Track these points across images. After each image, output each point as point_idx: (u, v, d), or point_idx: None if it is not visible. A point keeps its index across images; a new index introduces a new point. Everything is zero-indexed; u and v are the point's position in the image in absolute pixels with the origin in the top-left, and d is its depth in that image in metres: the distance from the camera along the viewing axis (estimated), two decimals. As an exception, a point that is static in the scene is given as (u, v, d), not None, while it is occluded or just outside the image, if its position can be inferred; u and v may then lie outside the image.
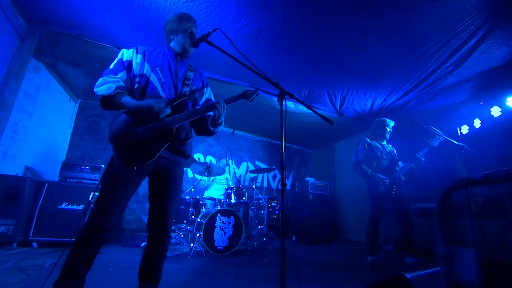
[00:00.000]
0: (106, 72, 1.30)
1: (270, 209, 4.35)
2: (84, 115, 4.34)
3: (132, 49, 1.38)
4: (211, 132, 1.50)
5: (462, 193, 1.07)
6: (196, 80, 1.53)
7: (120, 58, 1.35)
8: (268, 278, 2.16)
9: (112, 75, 1.29)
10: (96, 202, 1.22)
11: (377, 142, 2.89)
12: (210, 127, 1.46)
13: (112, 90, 1.23)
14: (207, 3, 2.15)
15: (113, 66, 1.33)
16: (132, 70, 1.34)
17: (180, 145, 1.39)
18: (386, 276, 1.04)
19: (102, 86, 1.25)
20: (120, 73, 1.31)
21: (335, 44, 2.60)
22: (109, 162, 1.29)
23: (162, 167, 1.36)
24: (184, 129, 1.42)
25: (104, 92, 1.23)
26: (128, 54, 1.36)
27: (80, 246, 1.17)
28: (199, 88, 1.54)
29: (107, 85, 1.25)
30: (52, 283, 1.12)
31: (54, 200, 2.81)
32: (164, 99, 1.29)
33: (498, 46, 2.47)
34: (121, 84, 1.29)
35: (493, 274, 0.92)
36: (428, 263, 2.42)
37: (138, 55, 1.37)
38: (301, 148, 6.77)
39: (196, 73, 1.55)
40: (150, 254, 1.36)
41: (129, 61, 1.35)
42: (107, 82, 1.26)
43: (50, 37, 2.74)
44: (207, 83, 1.61)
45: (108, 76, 1.28)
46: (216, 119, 1.41)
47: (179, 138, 1.36)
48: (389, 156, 2.82)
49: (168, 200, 1.38)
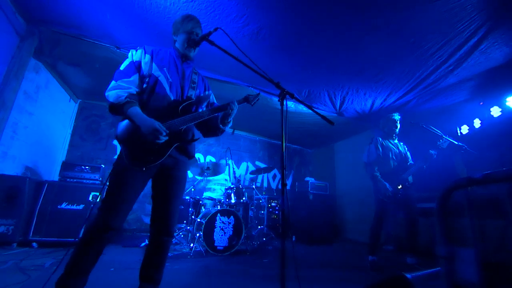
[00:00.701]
0: (118, 75, 1.28)
1: (270, 209, 4.35)
2: (84, 115, 4.34)
3: (140, 49, 1.38)
4: (220, 131, 1.53)
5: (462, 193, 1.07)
6: (199, 84, 1.56)
7: (130, 59, 1.34)
8: (268, 278, 2.16)
9: (125, 78, 1.27)
10: (103, 201, 1.22)
11: (389, 142, 2.86)
12: (220, 125, 1.49)
13: (122, 99, 1.22)
14: (207, 3, 2.15)
15: (125, 68, 1.31)
16: (142, 71, 1.34)
17: (187, 145, 1.42)
18: (386, 276, 1.04)
19: (112, 91, 1.23)
20: (133, 76, 1.30)
21: (335, 44, 2.60)
22: (116, 161, 1.29)
23: (166, 167, 1.36)
24: (190, 130, 1.45)
25: (114, 100, 1.22)
26: (137, 55, 1.36)
27: (86, 245, 1.17)
28: (202, 92, 1.58)
29: (117, 91, 1.23)
30: (50, 282, 1.12)
31: (54, 200, 2.81)
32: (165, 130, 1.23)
33: (498, 46, 2.47)
34: (132, 92, 1.27)
35: (493, 274, 0.92)
36: (429, 263, 2.42)
37: (147, 55, 1.37)
38: (301, 148, 6.77)
39: (200, 76, 1.58)
40: (151, 254, 1.36)
41: (139, 62, 1.35)
42: (119, 87, 1.24)
43: (50, 37, 2.74)
44: (209, 87, 1.65)
45: (121, 80, 1.26)
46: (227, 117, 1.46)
47: (186, 139, 1.38)
48: (398, 157, 2.79)
49: (171, 201, 1.38)
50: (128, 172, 1.23)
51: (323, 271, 2.52)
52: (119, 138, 1.25)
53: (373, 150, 2.78)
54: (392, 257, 3.23)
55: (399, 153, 2.82)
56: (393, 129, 2.87)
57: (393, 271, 2.55)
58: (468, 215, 1.10)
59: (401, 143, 2.94)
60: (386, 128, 2.93)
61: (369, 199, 2.81)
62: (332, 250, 3.81)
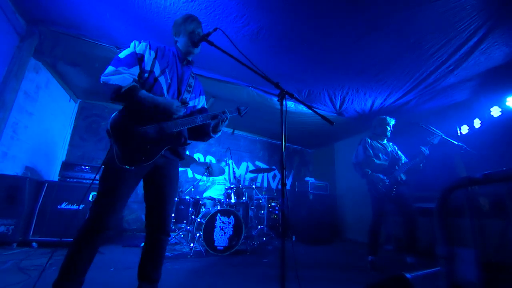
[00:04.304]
0: (117, 62, 1.23)
1: (270, 209, 4.35)
2: (84, 115, 4.34)
3: (144, 43, 1.35)
4: (209, 137, 1.55)
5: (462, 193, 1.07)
6: (195, 88, 1.56)
7: (133, 50, 1.30)
8: (268, 278, 2.16)
9: (125, 67, 1.23)
10: (95, 201, 1.21)
11: (378, 142, 2.88)
12: (211, 133, 1.51)
13: (130, 82, 1.19)
14: (207, 3, 2.15)
15: (125, 57, 1.27)
16: (144, 64, 1.32)
17: (180, 148, 1.43)
18: (386, 276, 1.04)
19: (115, 76, 1.18)
20: (134, 67, 1.27)
21: (335, 44, 2.60)
22: (106, 161, 1.24)
23: (158, 166, 1.37)
24: (182, 134, 1.44)
25: (120, 82, 1.16)
26: (141, 48, 1.33)
27: (79, 246, 1.16)
28: (197, 96, 1.58)
29: (121, 75, 1.19)
30: (50, 282, 1.11)
31: (54, 200, 2.81)
32: (176, 101, 1.32)
33: (498, 46, 2.47)
34: (136, 78, 1.26)
35: (493, 274, 0.92)
36: (429, 263, 2.42)
37: (152, 52, 1.35)
38: (301, 148, 6.77)
39: (196, 81, 1.58)
40: (148, 253, 1.36)
41: (142, 55, 1.32)
42: (121, 73, 1.20)
43: (50, 37, 2.74)
44: (203, 92, 1.67)
45: (122, 67, 1.22)
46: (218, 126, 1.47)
47: (178, 142, 1.39)
48: (389, 156, 2.81)
49: (166, 199, 1.38)
50: (119, 171, 1.21)
51: (323, 271, 2.52)
52: (110, 132, 1.19)
53: (361, 150, 2.82)
54: (392, 257, 3.23)
55: (389, 152, 2.83)
56: (385, 132, 2.89)
57: (393, 271, 2.55)
58: (468, 215, 1.10)
59: (390, 143, 2.96)
60: (378, 129, 2.94)
61: (369, 199, 2.81)
62: (332, 250, 3.81)
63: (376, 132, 2.95)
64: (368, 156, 2.77)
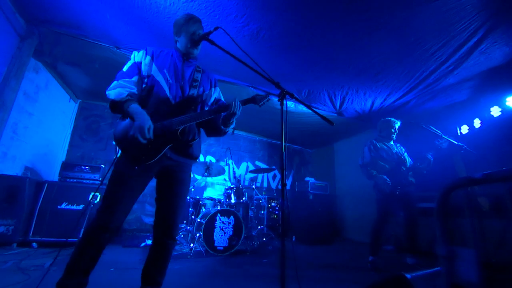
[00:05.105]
0: (120, 75, 1.31)
1: (270, 209, 4.35)
2: (84, 115, 4.34)
3: (142, 51, 1.40)
4: (223, 132, 1.52)
5: (462, 193, 1.07)
6: (204, 81, 1.53)
7: (133, 61, 1.37)
8: (268, 278, 2.16)
9: (127, 78, 1.30)
10: (102, 201, 1.22)
11: (383, 144, 2.88)
12: (221, 126, 1.48)
13: (124, 96, 1.24)
14: (207, 3, 2.15)
15: (127, 68, 1.34)
16: (141, 72, 1.36)
17: (185, 146, 1.38)
18: (386, 276, 1.04)
19: (114, 90, 1.26)
20: (135, 76, 1.33)
21: (335, 44, 2.60)
22: (115, 161, 1.30)
23: (169, 169, 1.36)
24: (191, 130, 1.42)
25: (115, 97, 1.24)
26: (138, 56, 1.38)
27: (85, 245, 1.17)
28: (207, 89, 1.54)
29: (118, 90, 1.25)
30: (51, 283, 1.11)
31: (54, 200, 2.81)
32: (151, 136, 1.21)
33: (498, 46, 2.47)
34: (133, 91, 1.29)
35: (493, 274, 0.92)
36: (429, 263, 2.42)
37: (147, 57, 1.38)
38: (301, 148, 6.77)
39: (204, 73, 1.55)
40: (154, 256, 1.35)
41: (140, 62, 1.37)
42: (120, 86, 1.27)
43: (50, 37, 2.74)
44: (215, 83, 1.61)
45: (123, 79, 1.29)
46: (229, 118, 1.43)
47: (183, 140, 1.35)
48: (395, 157, 2.81)
49: (175, 203, 1.37)
50: (125, 172, 1.24)
51: (323, 271, 2.52)
52: (114, 137, 1.28)
53: (367, 152, 2.82)
54: (392, 257, 3.23)
55: (395, 153, 2.84)
56: (390, 134, 2.90)
57: (393, 271, 2.55)
58: (468, 215, 1.10)
59: (397, 145, 2.96)
60: (384, 132, 2.94)
61: (369, 199, 2.81)
62: (332, 250, 3.80)
63: (382, 135, 2.95)
64: (374, 157, 2.78)
